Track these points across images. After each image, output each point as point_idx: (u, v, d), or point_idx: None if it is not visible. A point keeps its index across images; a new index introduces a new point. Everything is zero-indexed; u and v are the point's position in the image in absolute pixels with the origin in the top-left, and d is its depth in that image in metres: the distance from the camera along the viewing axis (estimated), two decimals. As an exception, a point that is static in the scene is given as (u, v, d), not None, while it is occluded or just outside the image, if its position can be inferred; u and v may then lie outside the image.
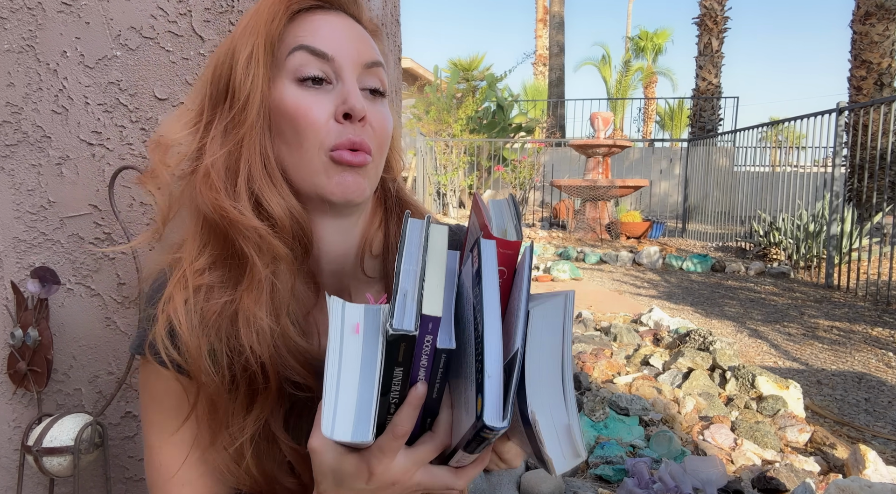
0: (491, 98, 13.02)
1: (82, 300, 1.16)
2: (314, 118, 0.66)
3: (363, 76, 0.70)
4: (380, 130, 0.70)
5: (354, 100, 0.66)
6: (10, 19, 1.09)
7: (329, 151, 0.67)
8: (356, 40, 0.69)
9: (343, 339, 0.51)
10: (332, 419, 0.50)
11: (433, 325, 0.50)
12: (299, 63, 0.66)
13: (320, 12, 0.69)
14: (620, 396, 2.62)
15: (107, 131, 1.12)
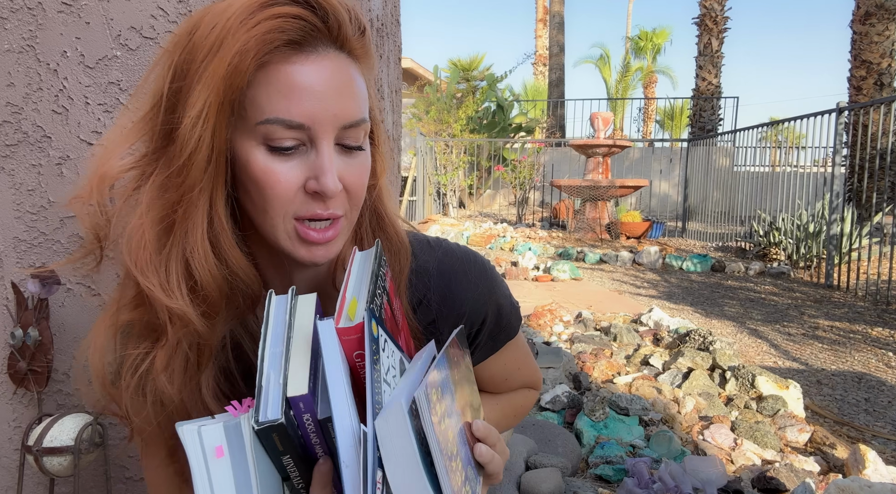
0: (491, 98, 13.02)
1: (82, 300, 1.16)
2: (283, 190, 0.62)
3: (342, 134, 0.63)
4: (355, 189, 0.66)
5: (326, 180, 0.61)
6: (10, 19, 1.09)
7: (294, 219, 0.64)
8: (337, 95, 0.61)
9: (208, 467, 0.49)
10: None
11: (304, 403, 0.48)
12: (270, 133, 0.61)
13: (298, 58, 0.60)
14: (620, 396, 2.62)
15: (107, 131, 1.12)
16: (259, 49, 0.58)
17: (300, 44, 0.60)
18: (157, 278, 0.62)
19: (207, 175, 0.61)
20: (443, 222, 9.15)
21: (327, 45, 0.62)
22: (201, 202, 0.62)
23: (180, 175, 0.61)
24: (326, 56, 0.62)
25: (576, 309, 4.51)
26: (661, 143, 17.00)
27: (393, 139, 1.53)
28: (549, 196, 11.50)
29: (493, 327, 0.83)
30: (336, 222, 0.65)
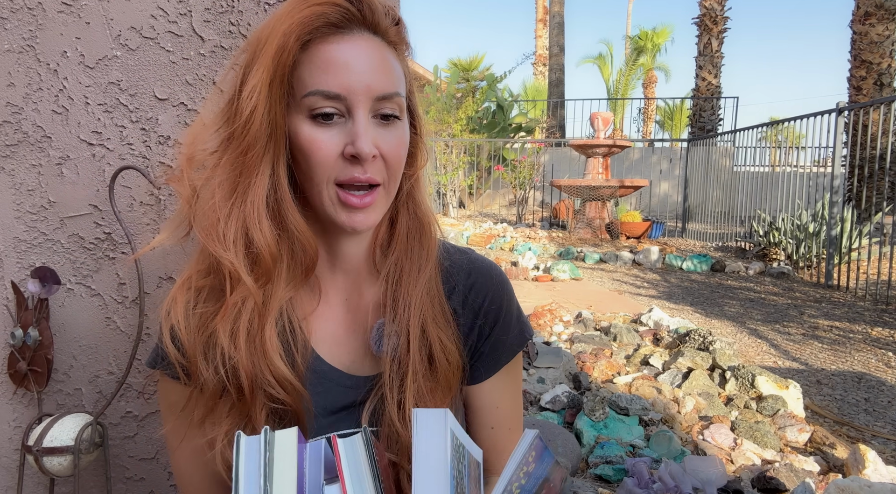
0: (491, 98, 13.02)
1: (82, 300, 1.16)
2: (323, 156, 0.70)
3: (377, 105, 0.71)
4: (392, 157, 0.72)
5: (361, 143, 0.68)
6: (10, 19, 1.09)
7: (336, 185, 0.71)
8: (371, 70, 0.69)
9: None
10: None
11: None
12: (312, 103, 0.69)
13: (336, 37, 0.69)
14: (620, 396, 2.62)
15: (107, 131, 1.12)
16: (301, 30, 0.67)
17: (338, 26, 0.69)
18: (216, 234, 0.70)
19: (265, 144, 0.70)
20: (443, 222, 9.15)
21: (362, 28, 0.71)
22: (261, 169, 0.71)
23: (240, 145, 0.70)
24: (361, 37, 0.70)
25: (576, 309, 4.51)
26: (661, 143, 17.00)
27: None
28: (549, 196, 11.50)
29: (500, 332, 0.85)
30: (374, 189, 0.72)
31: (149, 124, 1.12)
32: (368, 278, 0.83)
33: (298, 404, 0.74)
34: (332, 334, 0.81)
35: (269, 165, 0.71)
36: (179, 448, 0.78)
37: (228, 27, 1.10)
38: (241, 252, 0.70)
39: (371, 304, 0.82)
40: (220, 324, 0.71)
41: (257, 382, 0.71)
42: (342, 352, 0.81)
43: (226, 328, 0.71)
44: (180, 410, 0.76)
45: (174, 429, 0.79)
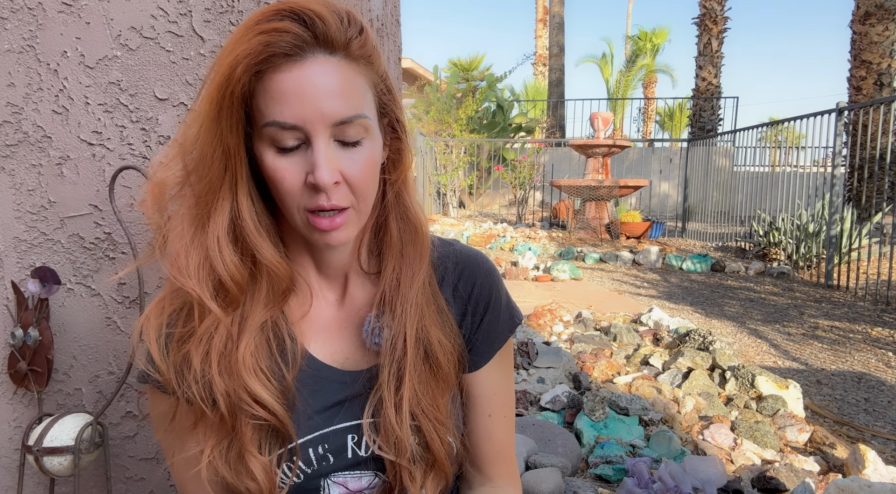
0: (491, 98, 13.02)
1: (82, 300, 1.16)
2: (288, 185, 0.70)
3: (337, 131, 0.70)
4: (357, 181, 0.72)
5: (320, 174, 0.68)
6: (10, 19, 1.09)
7: (306, 211, 0.72)
8: (326, 96, 0.68)
9: None
10: None
11: None
12: (272, 134, 0.69)
13: (288, 65, 0.67)
14: (620, 396, 2.62)
15: (107, 131, 1.12)
16: (249, 61, 0.66)
17: (289, 54, 0.67)
18: (179, 264, 0.72)
19: (220, 177, 0.71)
20: (443, 221, 9.15)
21: (316, 51, 0.68)
22: (219, 200, 0.72)
23: (196, 176, 0.71)
24: (315, 61, 0.68)
25: (576, 309, 4.51)
26: (661, 143, 17.00)
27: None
28: (549, 196, 11.50)
29: (491, 318, 0.87)
30: (343, 212, 0.72)
31: (149, 124, 1.12)
32: (356, 278, 0.84)
33: (283, 418, 0.75)
34: (324, 332, 0.83)
35: (229, 195, 0.72)
36: (174, 460, 0.79)
37: (228, 27, 1.10)
38: (204, 281, 0.72)
39: (362, 301, 0.84)
40: (193, 348, 0.72)
41: (235, 403, 0.72)
42: (335, 349, 0.82)
43: (198, 352, 0.72)
44: (168, 421, 0.77)
45: (165, 441, 0.80)
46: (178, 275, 0.71)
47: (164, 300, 0.75)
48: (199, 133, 0.70)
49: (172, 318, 0.75)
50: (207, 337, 0.72)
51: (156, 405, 0.80)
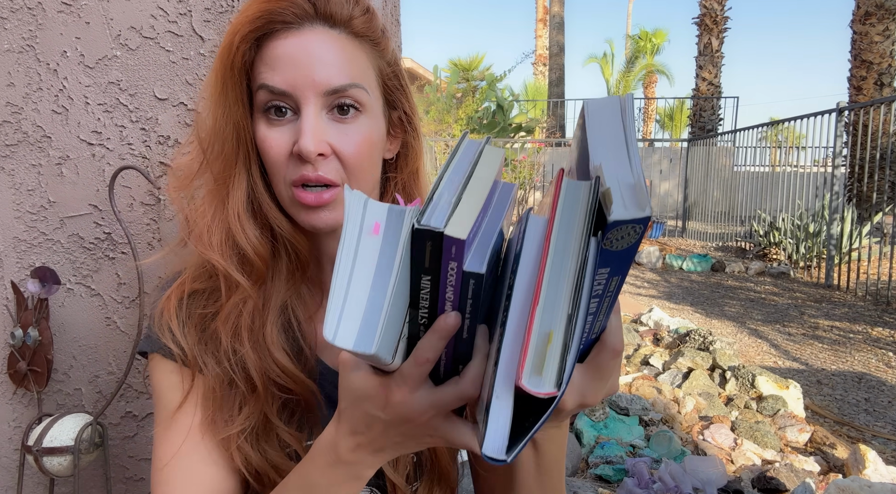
0: (491, 98, 13.02)
1: (82, 300, 1.16)
2: (275, 154, 0.69)
3: (329, 99, 0.68)
4: (349, 155, 0.69)
5: (304, 141, 0.65)
6: (10, 19, 1.09)
7: (291, 185, 0.69)
8: (319, 64, 0.66)
9: (360, 239, 0.45)
10: (335, 324, 0.43)
11: (457, 249, 0.42)
12: (263, 99, 0.68)
13: (285, 33, 0.67)
14: (620, 396, 2.62)
15: (107, 131, 1.12)
16: (249, 28, 0.66)
17: (289, 23, 0.67)
18: (206, 241, 0.71)
19: (234, 150, 0.70)
20: (443, 221, 9.13)
21: (315, 23, 0.68)
22: (236, 175, 0.71)
23: (210, 154, 0.71)
24: (313, 31, 0.68)
25: (576, 309, 4.50)
26: (661, 143, 17.00)
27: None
28: (549, 196, 11.47)
29: None
30: (332, 188, 0.69)
31: (149, 124, 1.12)
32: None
33: (308, 394, 0.73)
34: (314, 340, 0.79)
35: (244, 169, 0.71)
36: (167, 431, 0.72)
37: (228, 27, 1.10)
38: (230, 256, 0.71)
39: None
40: (222, 325, 0.71)
41: (267, 374, 0.70)
42: (335, 353, 0.78)
43: (227, 328, 0.71)
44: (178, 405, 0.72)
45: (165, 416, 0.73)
46: (205, 250, 0.70)
47: (184, 284, 0.74)
48: (208, 109, 0.69)
49: (193, 298, 0.74)
50: (236, 314, 0.71)
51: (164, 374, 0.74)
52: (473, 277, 0.43)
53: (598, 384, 0.52)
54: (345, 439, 0.55)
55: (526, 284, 0.42)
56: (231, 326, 0.71)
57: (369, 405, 0.52)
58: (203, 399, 0.72)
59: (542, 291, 0.41)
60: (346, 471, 0.57)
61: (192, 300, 0.74)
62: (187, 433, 0.71)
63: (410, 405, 0.51)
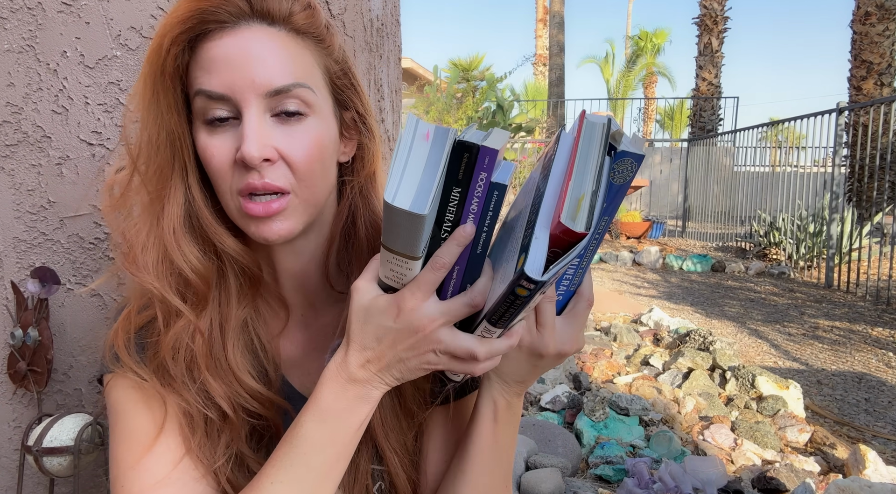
0: (491, 98, 13.02)
1: (82, 300, 1.16)
2: (217, 163, 0.63)
3: (272, 102, 0.63)
4: (298, 160, 0.63)
5: (246, 146, 0.60)
6: (10, 19, 1.09)
7: (238, 195, 0.64)
8: (258, 63, 0.61)
9: (413, 144, 0.54)
10: (395, 189, 0.51)
11: (490, 159, 0.52)
12: (201, 106, 0.63)
13: (220, 33, 0.62)
14: (620, 396, 2.62)
15: (107, 131, 1.12)
16: (180, 29, 0.61)
17: (223, 22, 0.62)
18: (139, 261, 0.65)
19: (167, 158, 0.65)
20: (443, 222, 9.12)
21: (251, 20, 0.63)
22: (171, 187, 0.65)
23: (145, 165, 0.65)
24: (249, 29, 0.63)
25: (576, 309, 4.50)
26: (661, 143, 17.01)
27: (393, 139, 1.54)
28: (549, 196, 11.47)
29: None
30: (282, 196, 0.64)
31: (149, 124, 1.12)
32: (325, 298, 0.76)
33: (278, 418, 0.70)
34: (291, 355, 0.76)
35: (181, 183, 0.66)
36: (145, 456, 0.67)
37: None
38: (165, 277, 0.65)
39: (330, 324, 0.76)
40: (168, 357, 0.66)
41: (236, 401, 0.67)
42: (300, 373, 0.76)
43: (177, 359, 0.66)
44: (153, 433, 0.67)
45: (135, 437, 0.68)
46: (137, 272, 0.64)
47: (129, 316, 0.69)
48: (139, 116, 0.63)
49: (144, 330, 0.69)
50: (184, 343, 0.66)
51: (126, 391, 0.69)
52: (498, 188, 0.55)
53: (574, 331, 0.64)
54: (354, 356, 0.59)
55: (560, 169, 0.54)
56: (182, 356, 0.66)
57: (382, 318, 0.57)
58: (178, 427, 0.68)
59: (574, 171, 0.53)
60: (357, 392, 0.60)
61: (142, 332, 0.69)
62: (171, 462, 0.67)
63: (421, 312, 0.56)
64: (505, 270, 0.56)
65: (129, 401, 0.69)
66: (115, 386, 0.70)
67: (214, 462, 0.67)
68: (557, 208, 0.52)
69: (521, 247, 0.53)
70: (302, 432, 0.61)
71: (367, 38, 1.31)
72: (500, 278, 0.57)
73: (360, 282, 0.59)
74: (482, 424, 0.70)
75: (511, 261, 0.55)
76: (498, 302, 0.55)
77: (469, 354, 0.57)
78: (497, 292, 0.56)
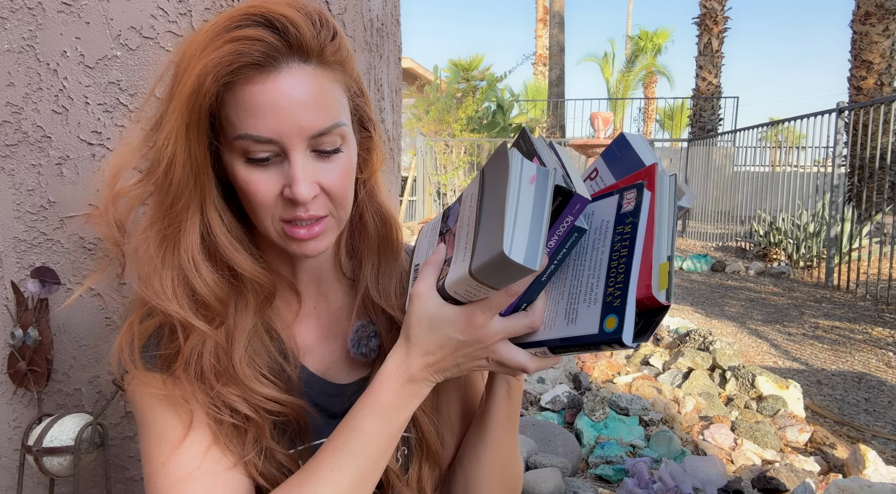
0: (491, 98, 13.02)
1: (83, 300, 1.16)
2: (262, 197, 0.67)
3: (314, 142, 0.67)
4: (336, 190, 0.70)
5: (299, 189, 0.65)
6: (10, 19, 1.09)
7: (281, 222, 0.69)
8: (302, 108, 0.65)
9: (521, 187, 0.58)
10: (511, 240, 0.56)
11: (580, 206, 0.60)
12: (244, 147, 0.66)
13: (261, 77, 0.63)
14: (620, 396, 2.62)
15: (107, 131, 1.12)
16: (219, 72, 0.62)
17: (261, 64, 0.63)
18: (155, 287, 0.68)
19: (189, 190, 0.67)
20: (443, 222, 9.12)
21: (290, 60, 0.65)
22: (189, 217, 0.69)
23: (164, 192, 0.68)
24: (290, 72, 0.64)
25: (576, 309, 4.50)
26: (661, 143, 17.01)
27: (393, 139, 1.53)
28: (549, 196, 11.48)
29: None
30: (321, 220, 0.70)
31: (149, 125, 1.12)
32: (335, 284, 0.83)
33: (299, 412, 0.74)
34: (306, 342, 0.80)
35: (198, 211, 0.69)
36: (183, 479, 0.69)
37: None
38: (185, 300, 0.68)
39: (342, 309, 0.82)
40: (182, 372, 0.69)
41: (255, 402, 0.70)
42: (315, 359, 0.80)
43: (189, 374, 0.69)
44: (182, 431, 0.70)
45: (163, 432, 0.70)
46: (157, 299, 0.68)
47: (132, 325, 0.71)
48: (168, 149, 0.65)
49: (151, 341, 0.72)
50: (196, 357, 0.69)
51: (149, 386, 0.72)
52: (578, 230, 0.62)
53: None
54: (416, 360, 0.66)
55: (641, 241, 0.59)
56: (193, 370, 0.69)
57: (449, 329, 0.64)
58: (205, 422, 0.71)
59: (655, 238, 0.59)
60: (413, 390, 0.67)
61: (150, 342, 0.72)
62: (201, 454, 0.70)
63: (488, 328, 0.64)
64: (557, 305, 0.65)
65: (152, 401, 0.71)
66: (137, 385, 0.72)
67: (244, 455, 0.71)
68: (643, 276, 0.58)
69: (607, 306, 0.59)
70: (359, 424, 0.67)
71: (367, 38, 1.31)
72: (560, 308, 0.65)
73: (422, 289, 0.65)
74: (498, 400, 0.79)
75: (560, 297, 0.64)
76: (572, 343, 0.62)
77: (521, 367, 0.66)
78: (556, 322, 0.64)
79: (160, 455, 0.70)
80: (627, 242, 0.59)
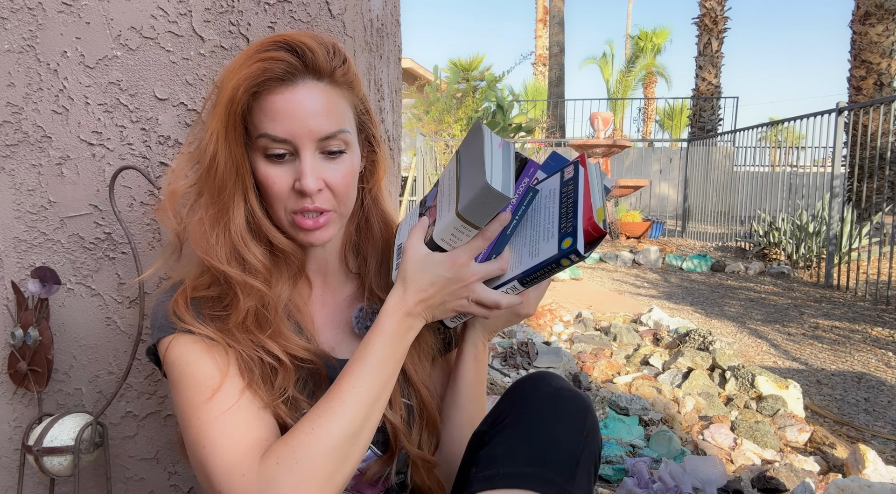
0: (491, 98, 13.01)
1: (83, 300, 1.16)
2: (278, 189, 0.83)
3: (322, 144, 0.82)
4: (338, 187, 0.84)
5: (306, 181, 0.81)
6: (10, 19, 1.10)
7: (292, 213, 0.84)
8: (313, 116, 0.80)
9: (493, 148, 0.75)
10: (490, 176, 0.71)
11: (534, 169, 0.83)
12: (264, 145, 0.82)
13: (281, 89, 0.80)
14: (620, 396, 2.62)
15: (107, 131, 1.12)
16: (249, 84, 0.79)
17: (282, 79, 0.80)
18: (215, 257, 0.83)
19: (234, 183, 0.82)
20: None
21: (306, 77, 0.81)
22: (235, 203, 0.83)
23: (212, 183, 0.83)
24: (305, 86, 0.81)
25: (576, 309, 4.51)
26: (661, 143, 17.01)
27: (393, 139, 1.54)
28: (548, 196, 11.45)
29: None
30: (325, 213, 0.84)
31: (149, 124, 1.12)
32: (340, 277, 0.97)
33: (320, 364, 0.87)
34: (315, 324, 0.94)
35: (242, 197, 0.84)
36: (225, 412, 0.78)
37: (228, 27, 1.10)
38: (236, 267, 0.83)
39: (346, 300, 0.97)
40: (235, 327, 0.83)
41: (288, 351, 0.84)
42: (323, 340, 0.94)
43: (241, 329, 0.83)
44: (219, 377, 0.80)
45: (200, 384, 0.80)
46: (219, 264, 0.82)
47: (185, 291, 0.85)
48: (211, 147, 0.81)
49: (200, 302, 0.85)
50: (245, 316, 0.83)
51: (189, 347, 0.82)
52: (532, 191, 0.82)
53: (537, 300, 0.90)
54: (412, 295, 0.81)
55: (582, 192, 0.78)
56: (245, 324, 0.83)
57: (438, 268, 0.80)
58: (239, 370, 0.82)
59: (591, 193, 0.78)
60: (410, 323, 0.82)
61: (200, 304, 0.85)
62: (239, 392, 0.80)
63: (468, 268, 0.80)
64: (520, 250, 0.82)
65: (193, 353, 0.82)
66: (177, 344, 0.83)
67: (273, 401, 0.82)
68: (586, 213, 0.76)
69: (563, 234, 0.76)
70: (372, 349, 0.80)
71: (367, 38, 1.31)
72: (521, 253, 0.81)
73: (413, 242, 0.81)
74: (467, 363, 0.96)
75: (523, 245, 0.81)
76: (538, 269, 0.78)
77: (495, 303, 0.81)
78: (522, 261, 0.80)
79: (201, 397, 0.79)
80: (571, 195, 0.78)
